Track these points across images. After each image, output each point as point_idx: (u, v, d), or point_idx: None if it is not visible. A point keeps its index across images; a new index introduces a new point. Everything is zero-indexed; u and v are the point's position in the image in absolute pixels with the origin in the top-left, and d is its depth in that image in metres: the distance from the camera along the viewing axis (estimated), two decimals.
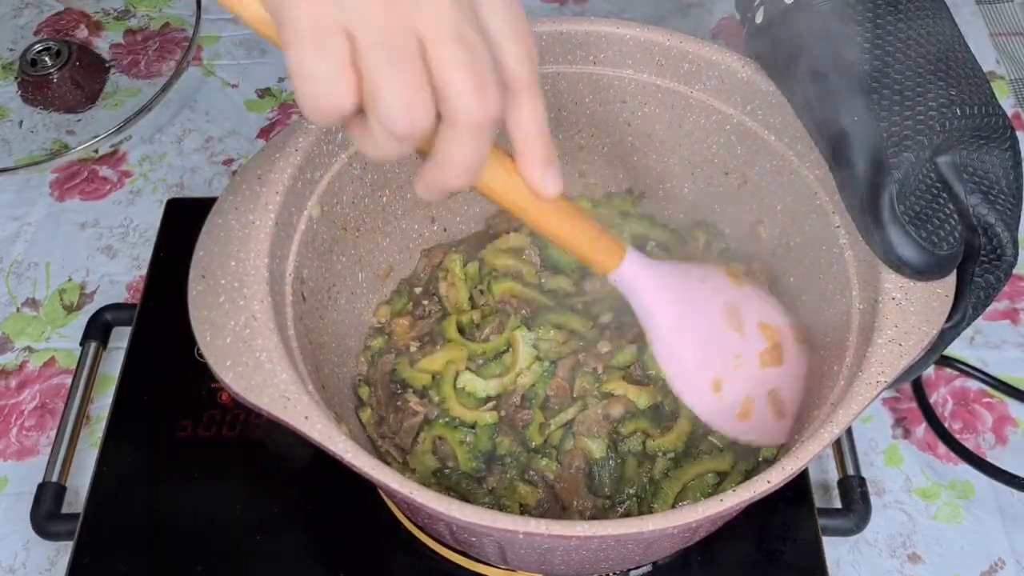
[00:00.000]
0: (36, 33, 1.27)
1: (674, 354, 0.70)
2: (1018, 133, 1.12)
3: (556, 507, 0.75)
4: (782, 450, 0.74)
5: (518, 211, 0.58)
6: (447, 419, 0.77)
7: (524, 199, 0.56)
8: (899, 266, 0.64)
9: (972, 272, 0.67)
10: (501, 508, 0.74)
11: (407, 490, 0.57)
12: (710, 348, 0.71)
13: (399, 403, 0.80)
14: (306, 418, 0.60)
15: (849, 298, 0.71)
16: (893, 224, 0.63)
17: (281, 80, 1.23)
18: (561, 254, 0.85)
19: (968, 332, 0.98)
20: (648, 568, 0.79)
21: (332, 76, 0.46)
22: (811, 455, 0.59)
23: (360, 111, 0.48)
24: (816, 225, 0.77)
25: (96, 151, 1.16)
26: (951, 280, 0.67)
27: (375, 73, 0.46)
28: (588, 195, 0.91)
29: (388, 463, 0.79)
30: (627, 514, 0.74)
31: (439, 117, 0.48)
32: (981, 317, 0.99)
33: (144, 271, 1.00)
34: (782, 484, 0.59)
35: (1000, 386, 0.95)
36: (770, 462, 0.73)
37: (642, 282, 0.67)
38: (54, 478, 0.86)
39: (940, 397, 0.96)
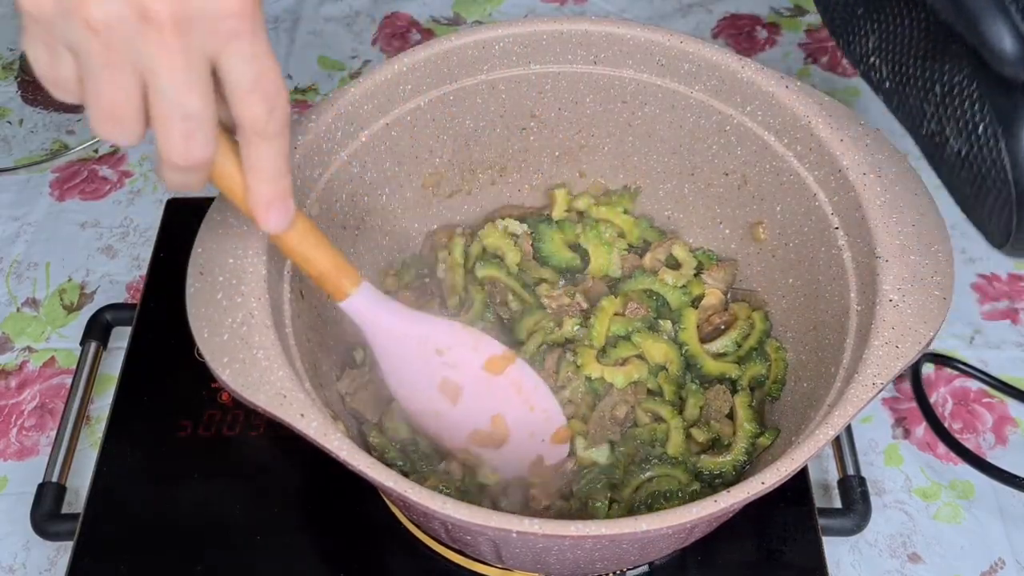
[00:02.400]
0: None
1: (389, 379, 0.74)
2: None
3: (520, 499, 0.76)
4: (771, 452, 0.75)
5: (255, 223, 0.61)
6: None
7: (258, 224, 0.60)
8: (997, 58, 0.61)
9: None
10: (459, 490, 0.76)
11: (401, 488, 0.58)
12: (420, 395, 0.75)
13: None
14: (302, 416, 0.60)
15: (847, 299, 0.71)
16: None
17: None
18: (552, 249, 0.86)
19: (968, 332, 0.98)
20: (645, 568, 0.78)
21: (60, 79, 0.50)
22: (807, 456, 0.59)
23: None
24: (815, 226, 0.77)
25: (96, 151, 1.16)
26: (949, 282, 0.67)
27: (87, 91, 0.50)
28: (591, 193, 0.91)
29: (361, 423, 0.80)
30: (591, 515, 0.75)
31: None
32: (981, 317, 0.99)
33: (144, 271, 1.00)
34: (778, 485, 0.59)
35: (1000, 386, 0.95)
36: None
37: (369, 319, 0.70)
38: (54, 478, 0.86)
39: (940, 397, 0.96)
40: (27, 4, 0.48)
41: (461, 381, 0.74)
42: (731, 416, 0.80)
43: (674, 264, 0.87)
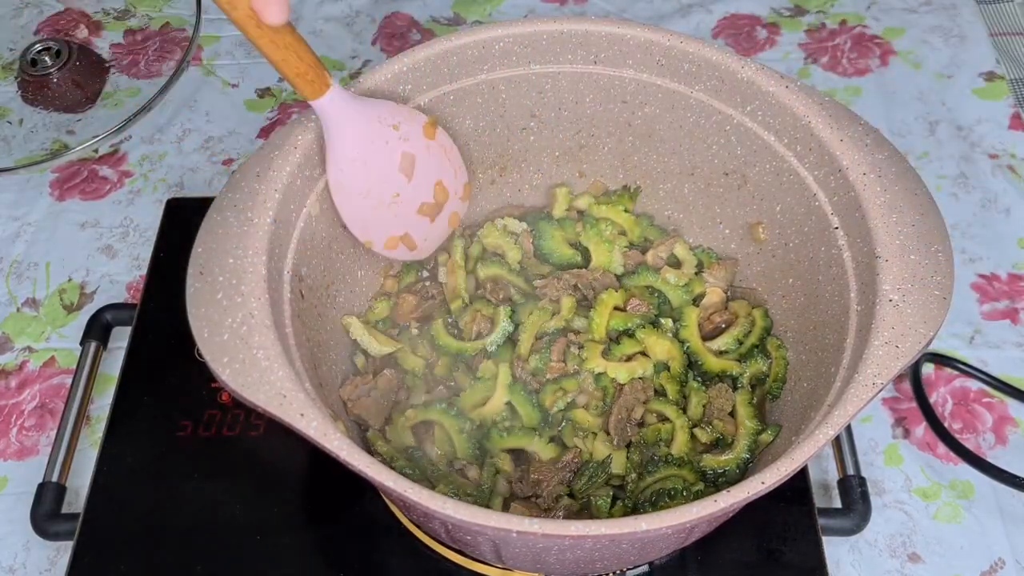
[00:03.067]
0: (36, 33, 1.27)
1: (342, 180, 0.75)
2: (1018, 133, 1.14)
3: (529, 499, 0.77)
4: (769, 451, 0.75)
5: (241, 25, 0.63)
6: (444, 406, 0.79)
7: (245, 20, 0.63)
8: None
9: None
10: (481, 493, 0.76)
11: (401, 488, 0.58)
12: (376, 183, 0.77)
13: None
14: (302, 415, 0.60)
15: (847, 299, 0.71)
16: None
17: (281, 80, 1.23)
18: (553, 246, 0.86)
19: (968, 332, 0.98)
20: (645, 568, 0.79)
21: None
22: (806, 456, 0.59)
23: None
24: (815, 226, 0.77)
25: (96, 151, 1.16)
26: (949, 282, 0.67)
27: None
28: (591, 193, 0.91)
29: (364, 429, 0.80)
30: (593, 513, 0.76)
31: None
32: (981, 317, 0.99)
33: (144, 271, 1.00)
34: (777, 485, 0.59)
35: (1000, 386, 0.95)
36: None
37: (335, 116, 0.72)
38: (54, 478, 0.86)
39: (940, 397, 0.96)
40: None
41: (414, 151, 0.77)
42: (733, 414, 0.80)
43: (675, 263, 0.87)
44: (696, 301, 0.85)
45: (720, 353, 0.83)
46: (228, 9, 0.62)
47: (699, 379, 0.81)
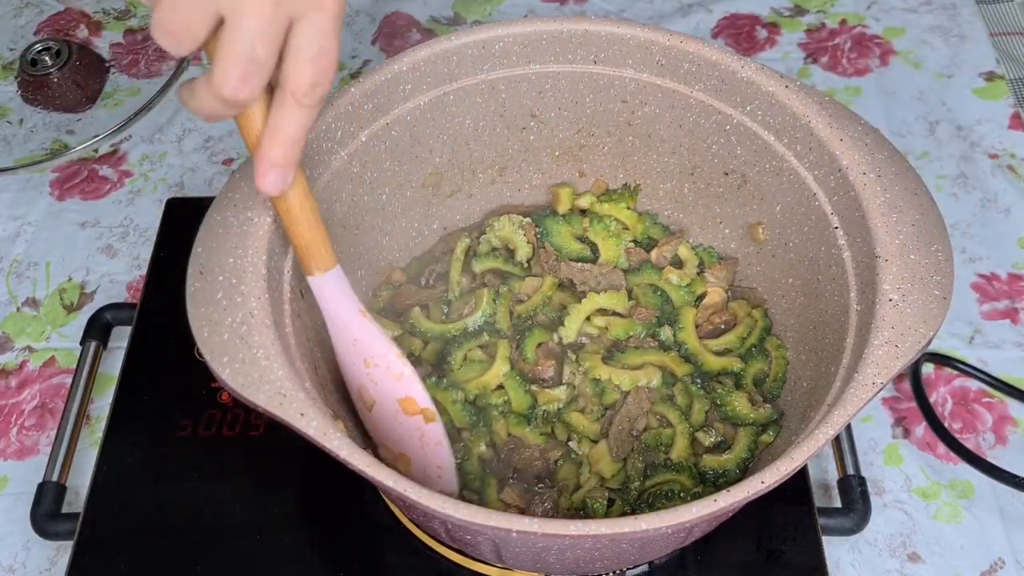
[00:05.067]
0: (36, 33, 1.27)
1: (343, 359, 0.75)
2: (1018, 133, 1.14)
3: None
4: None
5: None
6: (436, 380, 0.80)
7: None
8: None
9: None
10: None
11: (401, 488, 0.57)
12: (347, 377, 0.76)
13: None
14: (302, 415, 0.60)
15: (847, 299, 0.71)
16: None
17: None
18: (562, 241, 0.87)
19: (968, 332, 0.98)
20: (645, 568, 0.79)
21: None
22: (806, 456, 0.59)
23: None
24: (815, 226, 0.77)
25: (96, 151, 1.16)
26: (949, 282, 0.67)
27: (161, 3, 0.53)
28: (593, 192, 0.91)
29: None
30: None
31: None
32: (981, 317, 0.99)
33: (144, 271, 1.00)
34: (777, 485, 0.59)
35: (1000, 386, 0.95)
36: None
37: (329, 301, 0.71)
38: (54, 478, 0.86)
39: (940, 397, 0.96)
40: None
41: (376, 398, 0.75)
42: (734, 419, 0.80)
43: (678, 263, 0.87)
44: (697, 301, 0.85)
45: (721, 353, 0.83)
46: (249, 146, 0.61)
47: (698, 381, 0.81)
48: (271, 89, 0.58)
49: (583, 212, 0.90)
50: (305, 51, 0.55)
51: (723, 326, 0.84)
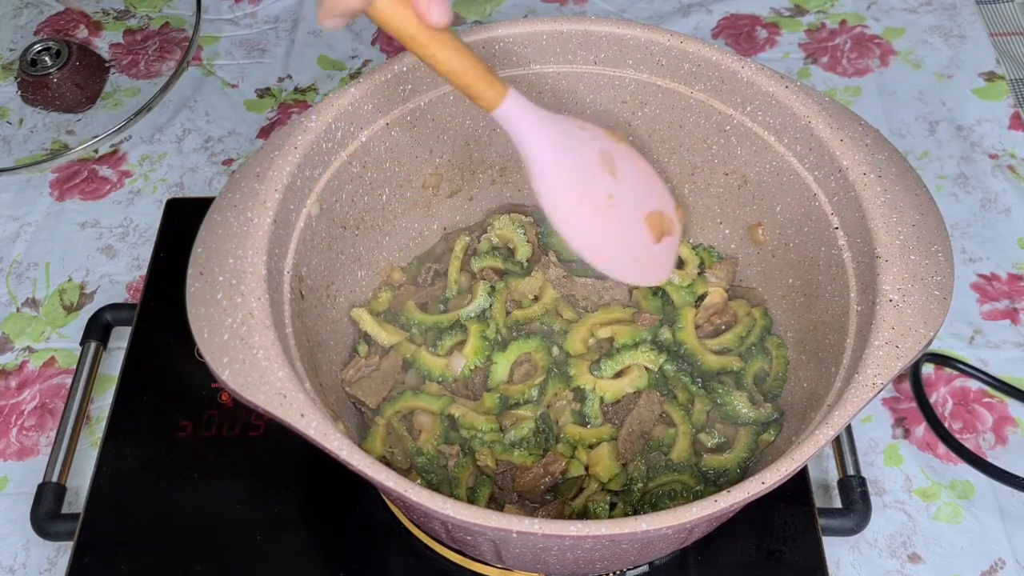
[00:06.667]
0: (36, 33, 1.27)
1: (552, 190, 0.70)
2: (1018, 133, 1.14)
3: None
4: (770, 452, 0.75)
5: (410, 41, 0.61)
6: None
7: (415, 30, 0.60)
8: None
9: None
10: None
11: (401, 488, 0.58)
12: (585, 186, 0.72)
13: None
14: (302, 416, 0.60)
15: (847, 299, 0.71)
16: None
17: (281, 80, 1.23)
18: (559, 242, 0.86)
19: (968, 332, 0.98)
20: (645, 568, 0.79)
21: None
22: (807, 456, 0.59)
23: None
24: (815, 226, 0.77)
25: (96, 151, 1.16)
26: (949, 282, 0.67)
27: None
28: None
29: (361, 412, 0.81)
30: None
31: None
32: (981, 317, 0.99)
33: (144, 271, 1.00)
34: (777, 485, 0.59)
35: (1000, 386, 0.95)
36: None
37: (524, 120, 0.68)
38: (54, 478, 0.86)
39: (940, 397, 0.96)
40: None
41: (609, 149, 0.73)
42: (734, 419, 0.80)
43: (679, 263, 0.87)
44: (698, 302, 0.85)
45: (720, 352, 0.83)
46: (393, 25, 0.60)
47: (698, 381, 0.81)
48: None
49: None
50: None
51: (723, 327, 0.84)
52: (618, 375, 0.81)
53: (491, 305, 0.83)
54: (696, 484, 0.76)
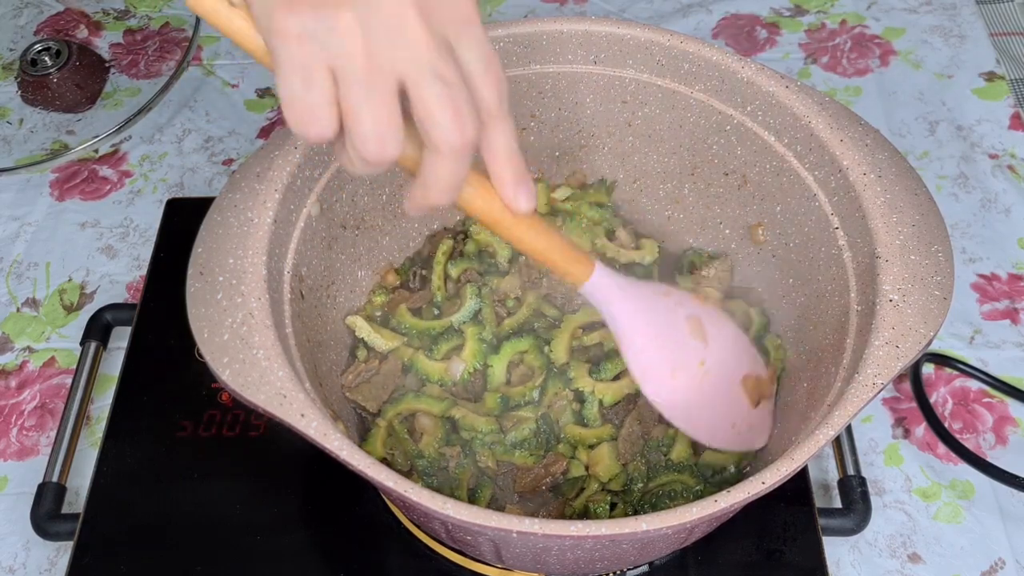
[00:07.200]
0: (36, 33, 1.27)
1: (642, 360, 0.72)
2: (1018, 133, 1.14)
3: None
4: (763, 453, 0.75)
5: (496, 226, 0.61)
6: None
7: (501, 215, 0.60)
8: None
9: None
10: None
11: (402, 488, 0.58)
12: (676, 354, 0.73)
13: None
14: (302, 416, 0.60)
15: (847, 299, 0.71)
16: None
17: None
18: None
19: (968, 332, 0.98)
20: (645, 568, 0.78)
21: (316, 107, 0.51)
22: (807, 456, 0.59)
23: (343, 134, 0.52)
24: (815, 226, 0.77)
25: (96, 151, 1.16)
26: (949, 282, 0.67)
27: (353, 108, 0.51)
28: (569, 184, 0.91)
29: (361, 416, 0.81)
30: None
31: (420, 145, 0.53)
32: (981, 317, 0.99)
33: (144, 271, 1.00)
34: (778, 485, 0.59)
35: (1000, 386, 0.95)
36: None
37: (611, 293, 0.69)
38: (54, 478, 0.86)
39: (940, 397, 0.96)
40: (290, 26, 0.49)
41: (697, 313, 0.74)
42: None
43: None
44: None
45: None
46: (478, 212, 0.59)
47: None
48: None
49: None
50: (476, 67, 0.53)
51: None
52: (616, 377, 0.80)
53: (481, 308, 0.83)
54: (696, 484, 0.76)
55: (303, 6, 0.49)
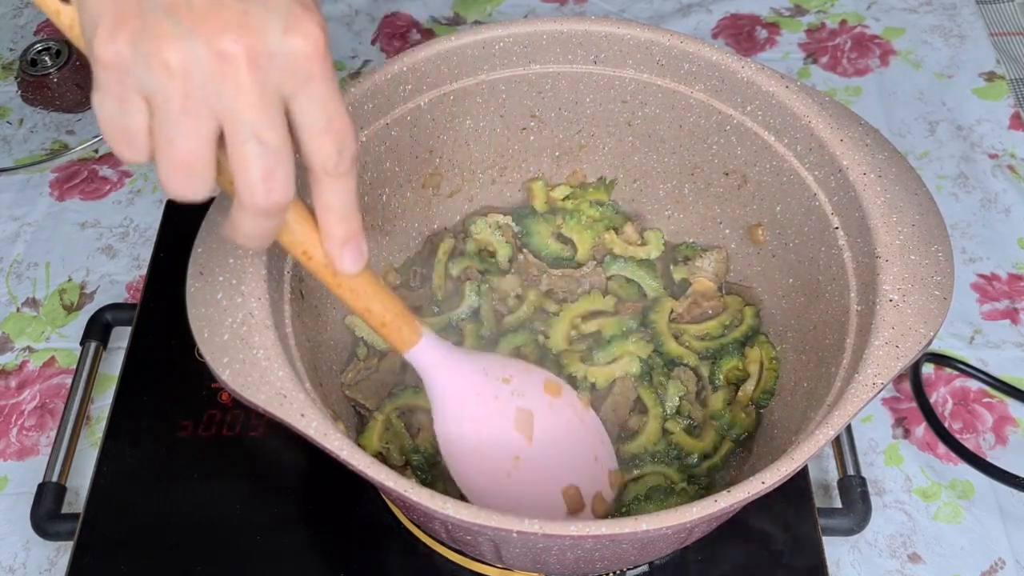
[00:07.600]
0: (36, 33, 1.27)
1: (451, 437, 0.71)
2: (1018, 133, 1.14)
3: None
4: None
5: (320, 277, 0.60)
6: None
7: (324, 269, 0.59)
8: None
9: None
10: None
11: (401, 488, 0.58)
12: (489, 440, 0.72)
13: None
14: (302, 415, 0.60)
15: (847, 299, 0.71)
16: None
17: None
18: (540, 243, 0.88)
19: (968, 332, 0.98)
20: (645, 568, 0.78)
21: (130, 133, 0.49)
22: (806, 456, 0.59)
23: None
24: (815, 226, 0.77)
25: (96, 151, 1.16)
26: (949, 282, 0.67)
27: (160, 144, 0.49)
28: (569, 183, 0.91)
29: (360, 415, 0.81)
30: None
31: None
32: (981, 317, 0.99)
33: (144, 271, 1.00)
34: (777, 485, 0.59)
35: (1000, 386, 0.95)
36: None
37: (435, 363, 0.69)
38: (54, 478, 0.86)
39: (940, 397, 0.96)
40: (103, 52, 0.47)
41: (531, 407, 0.73)
42: (702, 401, 0.82)
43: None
44: (676, 294, 0.86)
45: (701, 338, 0.84)
46: (303, 260, 0.58)
47: (667, 367, 0.82)
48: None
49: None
50: (313, 125, 0.51)
51: (711, 312, 0.85)
52: (608, 363, 0.81)
53: (480, 305, 0.83)
54: (680, 481, 0.77)
55: (125, 33, 0.47)
